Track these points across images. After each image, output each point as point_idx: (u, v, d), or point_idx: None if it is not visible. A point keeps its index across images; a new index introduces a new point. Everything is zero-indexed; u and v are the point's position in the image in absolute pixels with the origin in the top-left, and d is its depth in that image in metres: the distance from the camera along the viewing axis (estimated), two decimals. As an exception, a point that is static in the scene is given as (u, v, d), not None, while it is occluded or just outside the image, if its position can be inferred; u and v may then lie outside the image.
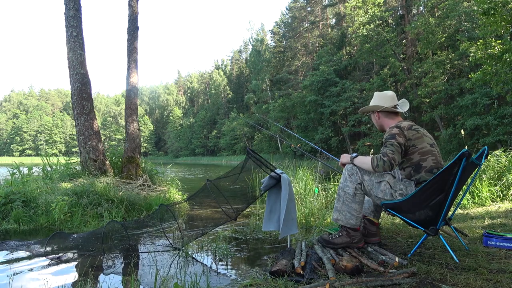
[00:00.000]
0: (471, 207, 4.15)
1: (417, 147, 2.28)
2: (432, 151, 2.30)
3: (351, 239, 2.38)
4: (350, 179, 2.40)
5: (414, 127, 2.33)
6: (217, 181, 3.16)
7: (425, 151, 2.28)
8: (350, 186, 2.39)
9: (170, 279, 2.18)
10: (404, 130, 2.30)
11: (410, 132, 2.30)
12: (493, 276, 1.75)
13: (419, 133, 2.31)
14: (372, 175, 2.36)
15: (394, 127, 2.34)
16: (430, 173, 2.25)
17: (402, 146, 2.26)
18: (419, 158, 2.28)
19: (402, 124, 2.34)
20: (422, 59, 25.73)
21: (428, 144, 2.31)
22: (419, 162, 2.27)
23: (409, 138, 2.29)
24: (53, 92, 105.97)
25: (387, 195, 2.30)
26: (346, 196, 2.40)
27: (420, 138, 2.30)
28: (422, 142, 2.29)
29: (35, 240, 3.31)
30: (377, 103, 2.55)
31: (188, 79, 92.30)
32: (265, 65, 46.67)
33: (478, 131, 20.51)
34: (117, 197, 4.58)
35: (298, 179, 5.10)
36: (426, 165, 2.26)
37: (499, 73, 10.47)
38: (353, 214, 2.38)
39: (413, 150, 2.29)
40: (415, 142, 2.29)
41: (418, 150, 2.28)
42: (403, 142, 2.26)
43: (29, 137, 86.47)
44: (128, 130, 6.50)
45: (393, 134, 2.29)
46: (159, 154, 79.62)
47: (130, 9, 6.82)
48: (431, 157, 2.27)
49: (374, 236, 2.55)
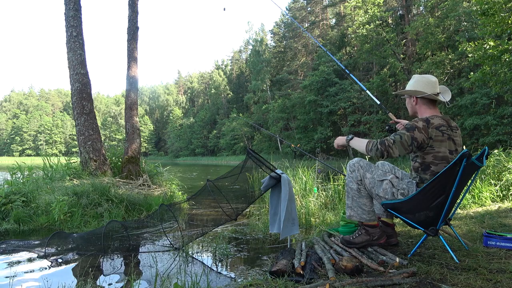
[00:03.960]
0: (471, 207, 4.15)
1: (435, 149, 2.16)
2: (449, 157, 2.16)
3: (371, 237, 2.38)
4: (351, 175, 2.41)
5: (442, 128, 2.16)
6: (217, 181, 3.16)
7: (441, 156, 2.16)
8: (352, 181, 2.41)
9: (170, 279, 2.18)
10: (431, 127, 2.15)
11: (436, 132, 2.15)
12: (493, 276, 1.75)
13: (444, 136, 2.16)
14: (374, 173, 2.35)
15: (422, 120, 2.18)
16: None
17: (415, 142, 2.13)
18: (431, 160, 2.18)
19: (433, 120, 2.18)
20: (421, 59, 25.74)
21: (447, 150, 2.17)
22: (430, 165, 2.19)
23: (431, 137, 2.15)
24: (53, 92, 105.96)
25: (388, 194, 2.29)
26: (353, 192, 2.41)
27: (441, 141, 2.15)
28: (441, 146, 2.16)
29: (35, 240, 3.31)
30: (419, 88, 2.31)
31: (188, 79, 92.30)
32: (265, 65, 46.68)
33: (477, 131, 20.52)
34: (117, 197, 4.58)
35: (298, 179, 5.10)
36: (435, 170, 2.16)
37: (498, 73, 10.47)
38: (364, 209, 2.38)
39: (430, 150, 2.17)
40: (434, 144, 2.15)
41: (434, 152, 2.17)
42: (420, 139, 2.13)
43: (29, 137, 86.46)
44: (128, 130, 6.50)
45: (413, 127, 2.15)
46: (159, 154, 79.59)
47: (130, 9, 6.82)
48: (445, 164, 2.14)
49: (391, 237, 2.53)
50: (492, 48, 9.94)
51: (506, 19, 9.28)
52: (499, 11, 9.26)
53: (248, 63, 56.95)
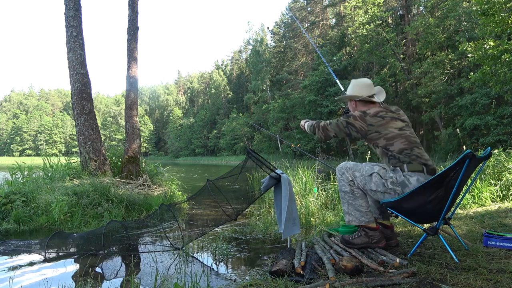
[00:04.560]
0: (471, 207, 4.15)
1: (381, 133, 2.34)
2: (400, 134, 2.33)
3: (370, 239, 2.36)
4: (342, 178, 2.43)
5: (380, 114, 2.36)
6: (217, 181, 3.16)
7: (390, 136, 2.33)
8: (344, 185, 2.41)
9: (170, 279, 2.18)
10: (368, 116, 2.36)
11: (374, 119, 2.35)
12: (493, 276, 1.75)
13: (385, 120, 2.34)
14: (362, 170, 2.37)
15: (359, 111, 2.43)
16: (401, 154, 2.29)
17: (352, 126, 2.39)
18: (386, 143, 2.34)
19: (369, 110, 2.40)
20: (421, 59, 25.75)
21: (395, 129, 2.34)
22: (387, 146, 2.33)
23: (371, 124, 2.34)
24: (53, 92, 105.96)
25: (380, 186, 2.30)
26: (348, 196, 2.40)
27: (384, 125, 2.34)
28: (386, 128, 2.33)
29: (35, 240, 3.31)
30: (355, 93, 2.57)
31: (188, 79, 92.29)
32: (265, 65, 46.68)
33: (477, 131, 20.52)
34: (117, 197, 4.58)
35: (298, 179, 5.10)
36: (394, 148, 2.31)
37: (498, 73, 10.47)
38: (361, 210, 2.37)
39: (378, 136, 2.35)
40: (378, 129, 2.34)
41: (382, 136, 2.34)
42: (357, 125, 2.37)
43: (29, 137, 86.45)
44: (128, 130, 6.50)
45: (350, 114, 2.43)
46: (159, 154, 79.58)
47: (130, 9, 6.82)
48: (399, 140, 2.31)
49: (390, 239, 2.52)
50: (492, 48, 9.94)
51: (506, 19, 9.28)
52: (499, 11, 9.26)
53: (248, 63, 56.94)
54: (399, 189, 2.24)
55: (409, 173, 2.24)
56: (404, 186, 2.22)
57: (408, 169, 2.26)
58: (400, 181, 2.25)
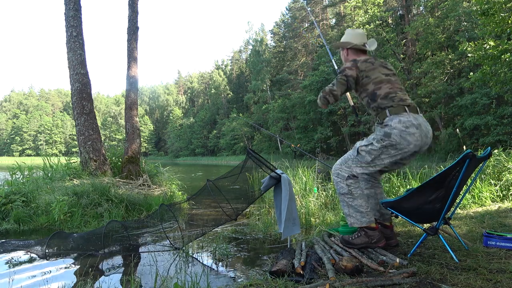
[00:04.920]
0: (471, 207, 4.15)
1: (371, 77, 2.40)
2: (387, 80, 2.41)
3: (370, 239, 2.35)
4: (338, 179, 2.43)
5: (370, 60, 2.44)
6: (217, 181, 3.16)
7: (378, 80, 2.40)
8: (342, 186, 2.40)
9: (170, 279, 2.18)
10: (359, 62, 2.43)
11: (364, 64, 2.42)
12: (493, 276, 1.75)
13: (374, 65, 2.42)
14: (350, 156, 2.44)
15: (348, 61, 2.49)
16: (385, 99, 2.35)
17: (351, 78, 2.41)
18: (374, 87, 2.40)
19: (359, 58, 2.48)
20: (421, 59, 25.75)
21: (382, 74, 2.42)
22: (374, 91, 2.39)
23: (362, 70, 2.41)
24: (53, 92, 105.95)
25: (372, 152, 2.32)
26: (347, 198, 2.39)
27: (374, 69, 2.41)
28: (375, 72, 2.41)
29: (35, 240, 3.31)
30: (348, 40, 2.64)
31: (188, 79, 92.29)
32: (264, 65, 46.68)
33: (477, 131, 20.52)
34: (117, 197, 4.58)
35: (298, 179, 5.10)
36: (381, 92, 2.37)
37: (498, 73, 10.47)
38: (361, 211, 2.35)
39: (368, 81, 2.41)
40: (368, 73, 2.40)
41: (372, 80, 2.40)
42: (353, 75, 2.41)
43: (29, 137, 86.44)
44: (128, 130, 6.50)
45: (344, 68, 2.45)
46: (159, 154, 79.59)
47: (130, 9, 6.82)
48: (386, 84, 2.39)
49: (390, 239, 2.51)
50: (492, 48, 9.94)
51: (506, 19, 9.28)
52: (499, 11, 9.26)
53: (248, 63, 56.94)
54: (387, 140, 2.27)
55: (391, 117, 2.31)
56: (388, 135, 2.27)
57: (390, 112, 2.33)
58: (383, 134, 2.29)
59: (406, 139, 2.26)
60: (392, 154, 2.30)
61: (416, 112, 2.35)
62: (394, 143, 2.27)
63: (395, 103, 2.34)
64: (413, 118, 2.29)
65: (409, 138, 2.26)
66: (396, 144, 2.26)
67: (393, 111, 2.32)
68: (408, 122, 2.27)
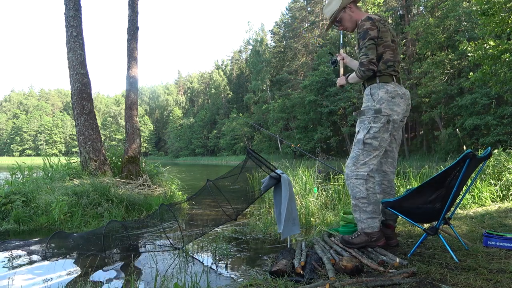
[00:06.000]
0: (471, 207, 4.15)
1: (383, 39, 2.34)
2: (391, 46, 2.37)
3: (369, 238, 2.34)
4: (358, 182, 2.31)
5: (382, 21, 2.37)
6: (217, 181, 3.16)
7: (387, 44, 2.35)
8: (361, 189, 2.31)
9: (170, 279, 2.18)
10: (376, 21, 2.33)
11: (381, 24, 2.34)
12: (493, 276, 1.75)
13: (386, 27, 2.36)
14: (355, 148, 2.37)
15: (365, 20, 2.34)
16: (385, 65, 2.34)
17: (376, 39, 2.31)
18: (383, 50, 2.35)
19: (373, 16, 2.36)
20: (422, 59, 25.74)
21: (390, 39, 2.37)
22: (382, 54, 2.35)
23: (379, 29, 2.33)
24: (53, 92, 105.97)
25: (376, 138, 2.29)
26: (361, 202, 2.31)
27: (386, 31, 2.35)
28: (387, 36, 2.35)
29: (35, 240, 3.31)
30: None
31: (188, 79, 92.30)
32: (265, 65, 46.68)
33: (477, 131, 20.52)
34: (117, 197, 4.57)
35: (298, 179, 5.10)
36: (385, 57, 2.34)
37: (498, 73, 10.47)
38: (374, 216, 2.32)
39: (380, 42, 2.34)
40: (382, 35, 2.34)
41: (383, 42, 2.34)
42: (376, 35, 2.31)
43: (29, 137, 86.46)
44: (128, 130, 6.50)
45: (365, 30, 2.30)
46: (159, 154, 79.61)
47: (130, 9, 6.82)
48: (389, 51, 2.36)
49: (391, 239, 2.50)
50: (492, 48, 9.94)
51: (506, 19, 9.28)
52: (499, 11, 9.26)
53: (248, 63, 56.94)
54: (382, 116, 2.28)
55: (379, 85, 2.34)
56: (379, 111, 2.29)
57: (380, 80, 2.35)
58: (373, 113, 2.31)
59: (394, 109, 2.32)
60: (390, 129, 2.33)
61: (399, 83, 2.41)
62: (387, 116, 2.29)
63: (388, 71, 2.34)
64: (398, 87, 2.35)
65: (396, 108, 2.32)
66: (388, 116, 2.29)
67: (382, 79, 2.34)
68: (394, 92, 2.32)
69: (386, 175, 2.57)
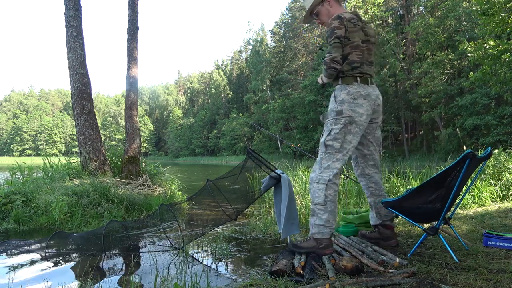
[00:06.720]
0: (471, 207, 4.15)
1: (350, 40, 2.29)
2: (361, 46, 2.31)
3: (318, 244, 2.26)
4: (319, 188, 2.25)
5: (353, 21, 2.30)
6: (217, 181, 3.16)
7: (355, 45, 2.30)
8: (320, 195, 2.25)
9: (170, 279, 2.18)
10: (344, 20, 2.28)
11: (349, 24, 2.28)
12: (493, 276, 1.75)
13: (356, 27, 2.30)
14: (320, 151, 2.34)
15: (334, 19, 2.30)
16: (350, 66, 2.29)
17: (342, 38, 2.26)
18: (349, 51, 2.30)
19: (344, 15, 2.30)
20: (421, 59, 25.75)
21: (360, 39, 2.31)
22: (348, 55, 2.31)
23: (347, 29, 2.28)
24: (53, 92, 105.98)
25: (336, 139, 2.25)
26: (318, 208, 2.26)
27: (354, 32, 2.29)
28: (354, 36, 2.29)
29: (35, 240, 3.31)
30: None
31: (188, 79, 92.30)
32: (265, 65, 46.68)
33: (477, 131, 20.53)
34: (117, 197, 4.57)
35: (298, 179, 5.10)
36: (351, 58, 2.30)
37: (498, 73, 10.47)
38: (327, 225, 2.25)
39: (347, 42, 2.30)
40: (349, 35, 2.29)
41: (350, 43, 2.30)
42: (343, 34, 2.26)
43: (29, 137, 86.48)
44: (128, 130, 6.50)
45: (332, 28, 2.28)
46: (159, 154, 79.61)
47: (130, 9, 6.82)
48: (357, 52, 2.30)
49: (390, 239, 2.48)
50: (492, 48, 9.95)
51: (506, 19, 9.29)
52: (499, 11, 9.26)
53: (248, 63, 56.94)
54: (342, 118, 2.25)
55: (341, 86, 2.33)
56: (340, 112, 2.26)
57: (342, 82, 2.33)
58: (335, 114, 2.29)
59: (357, 111, 2.26)
60: (353, 130, 2.26)
61: (366, 83, 2.32)
62: (349, 118, 2.25)
63: (351, 72, 2.30)
64: (362, 88, 2.29)
65: (359, 110, 2.27)
66: (350, 117, 2.25)
67: (344, 80, 2.31)
68: (356, 93, 2.28)
69: (371, 177, 2.55)
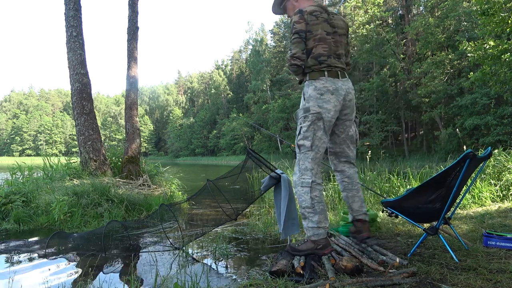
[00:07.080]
0: (471, 207, 4.15)
1: (313, 33, 2.24)
2: (326, 39, 2.26)
3: (315, 245, 2.25)
4: (303, 191, 2.23)
5: (315, 13, 2.25)
6: (217, 181, 3.16)
7: (318, 38, 2.24)
8: (306, 199, 2.23)
9: (170, 279, 2.18)
10: (305, 14, 2.24)
11: (309, 17, 2.23)
12: (493, 276, 1.75)
13: (318, 20, 2.24)
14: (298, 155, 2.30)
15: (295, 14, 2.27)
16: (316, 60, 2.24)
17: (303, 33, 2.23)
18: (313, 44, 2.25)
19: (306, 8, 2.26)
20: (421, 59, 25.75)
21: (324, 32, 2.25)
22: (312, 49, 2.25)
23: (307, 23, 2.23)
24: (53, 92, 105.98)
25: (307, 138, 2.21)
26: (307, 211, 2.25)
27: (317, 24, 2.24)
28: (317, 29, 2.24)
29: (35, 240, 3.31)
30: None
31: (188, 79, 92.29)
32: (264, 65, 46.68)
33: (477, 131, 20.53)
34: (117, 197, 4.57)
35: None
36: (316, 51, 2.24)
37: (498, 73, 10.48)
38: (320, 226, 2.25)
39: (310, 35, 2.24)
40: (311, 28, 2.23)
41: (313, 36, 2.24)
42: (303, 28, 2.23)
43: (29, 137, 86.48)
44: (128, 130, 6.50)
45: (293, 23, 2.26)
46: (159, 154, 79.61)
47: (130, 9, 6.82)
48: (323, 45, 2.24)
49: (360, 232, 2.46)
50: (492, 48, 9.95)
51: (506, 19, 9.29)
52: (499, 11, 9.27)
53: (248, 63, 56.94)
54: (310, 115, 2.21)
55: (308, 82, 2.28)
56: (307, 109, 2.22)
57: (309, 77, 2.27)
58: (303, 112, 2.25)
59: (324, 107, 2.21)
60: (322, 126, 2.21)
61: (336, 76, 2.26)
62: (316, 114, 2.20)
63: (318, 67, 2.24)
64: (330, 83, 2.22)
65: (326, 105, 2.21)
66: (317, 114, 2.20)
67: (311, 76, 2.26)
68: (324, 88, 2.22)
69: (343, 172, 2.54)
